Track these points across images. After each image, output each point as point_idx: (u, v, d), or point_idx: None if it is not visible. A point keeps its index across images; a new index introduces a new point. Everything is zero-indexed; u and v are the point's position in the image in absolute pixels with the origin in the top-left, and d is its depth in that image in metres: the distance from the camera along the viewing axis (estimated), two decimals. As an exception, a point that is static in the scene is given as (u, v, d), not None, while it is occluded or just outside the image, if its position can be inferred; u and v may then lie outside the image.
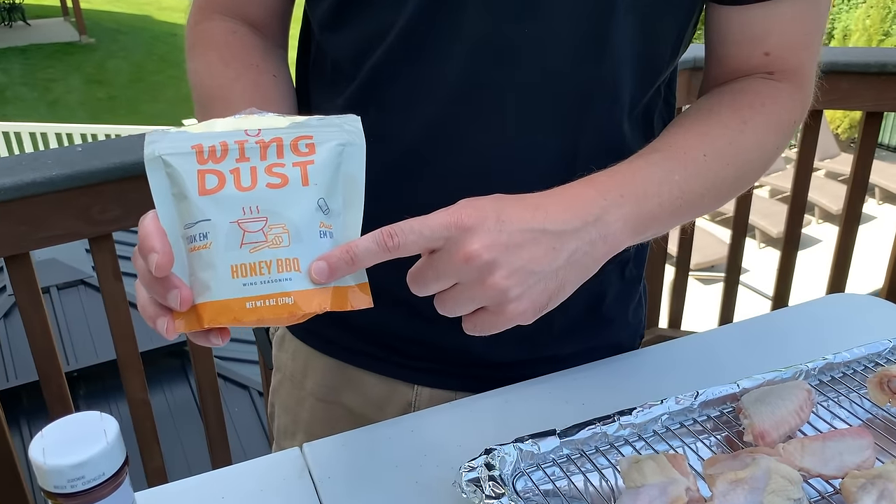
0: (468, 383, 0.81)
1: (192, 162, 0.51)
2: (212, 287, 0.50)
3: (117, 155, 1.40)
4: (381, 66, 0.69)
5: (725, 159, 0.67)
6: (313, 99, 0.78)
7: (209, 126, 0.54)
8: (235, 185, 0.51)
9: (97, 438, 0.53)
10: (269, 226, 0.50)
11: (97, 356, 2.96)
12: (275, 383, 0.92)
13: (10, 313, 3.09)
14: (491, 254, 0.53)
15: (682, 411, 0.71)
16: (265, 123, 0.54)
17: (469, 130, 0.68)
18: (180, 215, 0.51)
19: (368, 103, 0.70)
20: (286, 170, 0.52)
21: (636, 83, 0.70)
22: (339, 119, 0.55)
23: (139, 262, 0.52)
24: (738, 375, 0.74)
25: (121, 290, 1.53)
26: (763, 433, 0.66)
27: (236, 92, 0.70)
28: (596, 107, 0.69)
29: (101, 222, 1.42)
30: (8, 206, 1.33)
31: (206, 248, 0.50)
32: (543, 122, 0.68)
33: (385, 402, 0.83)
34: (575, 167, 0.70)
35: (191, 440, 2.65)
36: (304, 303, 0.51)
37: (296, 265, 0.51)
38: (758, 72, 0.72)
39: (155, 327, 0.52)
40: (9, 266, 1.41)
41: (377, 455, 0.72)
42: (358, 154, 0.54)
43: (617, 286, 0.82)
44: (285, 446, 0.90)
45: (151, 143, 0.52)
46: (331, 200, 0.53)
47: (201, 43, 0.75)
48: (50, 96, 10.61)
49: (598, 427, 0.68)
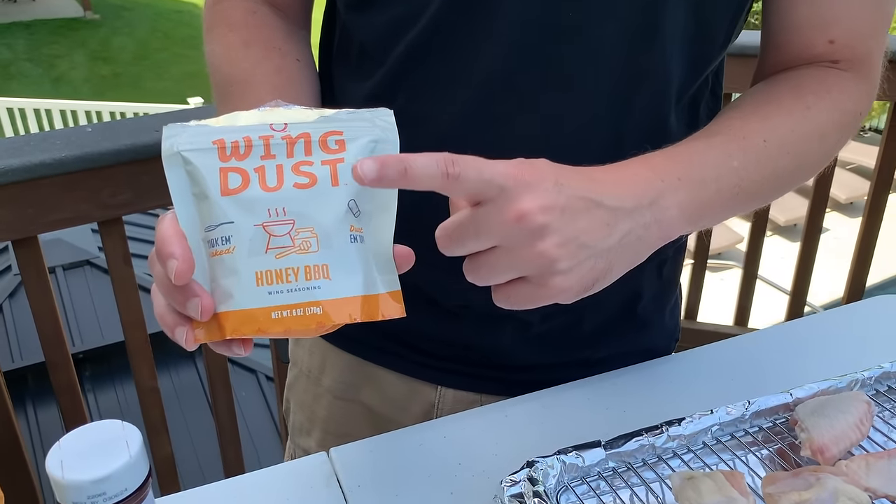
0: (494, 386, 0.78)
1: (214, 159, 0.47)
2: (235, 295, 0.46)
3: (128, 136, 1.36)
4: (413, 49, 0.64)
5: (786, 147, 0.63)
6: (337, 84, 0.73)
7: (231, 119, 0.49)
8: (260, 184, 0.47)
9: (119, 451, 0.49)
10: (296, 229, 0.47)
11: (103, 338, 2.92)
12: (290, 378, 0.89)
13: (16, 293, 3.05)
14: (546, 216, 0.48)
15: (732, 422, 0.67)
16: (291, 117, 0.50)
17: (506, 118, 0.64)
18: (201, 217, 0.47)
19: (398, 89, 0.66)
20: (314, 168, 0.48)
21: (686, 71, 0.66)
22: (370, 113, 0.51)
23: (156, 267, 0.48)
24: (783, 382, 0.71)
25: (131, 276, 1.49)
26: (822, 448, 0.62)
27: (258, 77, 0.66)
28: (643, 95, 0.65)
29: (111, 206, 1.38)
30: (16, 188, 1.29)
31: (228, 253, 0.46)
32: (586, 111, 0.64)
33: (407, 402, 0.79)
34: (618, 158, 0.66)
35: (198, 425, 2.62)
36: (333, 313, 0.47)
37: (325, 272, 0.47)
38: (821, 60, 0.67)
39: (173, 337, 0.48)
40: (16, 249, 1.37)
41: (408, 462, 0.68)
42: (391, 151, 0.50)
43: (654, 286, 0.78)
44: (301, 444, 0.87)
45: (170, 138, 0.48)
46: (362, 202, 0.49)
47: (220, 24, 0.71)
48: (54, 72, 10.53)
49: (645, 438, 0.64)
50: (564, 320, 0.74)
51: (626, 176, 0.54)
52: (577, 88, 0.63)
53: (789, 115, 0.63)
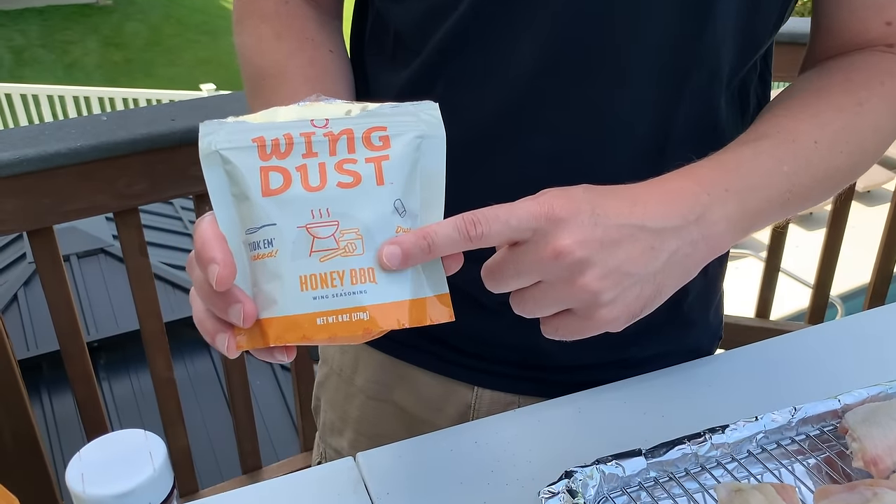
0: (532, 387, 0.75)
1: (254, 157, 0.45)
2: (278, 301, 0.44)
3: (144, 125, 1.34)
4: (452, 37, 0.62)
5: (839, 146, 0.60)
6: (371, 74, 0.70)
7: (270, 115, 0.47)
8: (303, 184, 0.45)
9: (142, 463, 0.47)
10: (340, 231, 0.44)
11: (118, 326, 2.92)
12: (321, 376, 0.86)
13: (31, 281, 3.05)
14: (584, 251, 0.47)
15: (778, 429, 0.64)
16: (332, 112, 0.47)
17: (550, 108, 0.61)
18: (241, 219, 0.45)
19: (436, 78, 0.64)
20: (358, 167, 0.45)
21: (736, 56, 0.63)
22: (413, 106, 0.48)
23: (196, 271, 0.46)
24: (829, 385, 0.68)
25: (146, 266, 1.47)
26: (875, 459, 0.59)
27: (291, 69, 0.63)
28: (692, 82, 0.62)
29: (127, 196, 1.36)
30: (31, 178, 1.27)
31: (271, 257, 0.44)
32: (635, 99, 0.61)
33: (442, 403, 0.77)
34: (666, 148, 0.63)
35: (214, 414, 2.61)
36: (380, 318, 0.45)
37: (371, 276, 0.45)
38: (875, 44, 0.64)
39: (214, 344, 0.46)
40: (31, 240, 1.35)
41: (439, 469, 0.65)
42: (438, 147, 0.47)
43: (699, 284, 0.75)
44: (332, 444, 0.85)
45: (207, 136, 0.46)
46: (408, 201, 0.47)
47: (251, 15, 0.68)
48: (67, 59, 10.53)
49: (687, 447, 0.61)
50: None
51: (670, 191, 0.52)
52: (625, 76, 0.60)
53: (840, 112, 0.60)
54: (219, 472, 2.41)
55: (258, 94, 0.64)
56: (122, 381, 2.85)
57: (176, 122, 1.35)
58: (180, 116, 1.36)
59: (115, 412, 2.75)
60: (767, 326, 2.10)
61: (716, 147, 0.66)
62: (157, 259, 3.26)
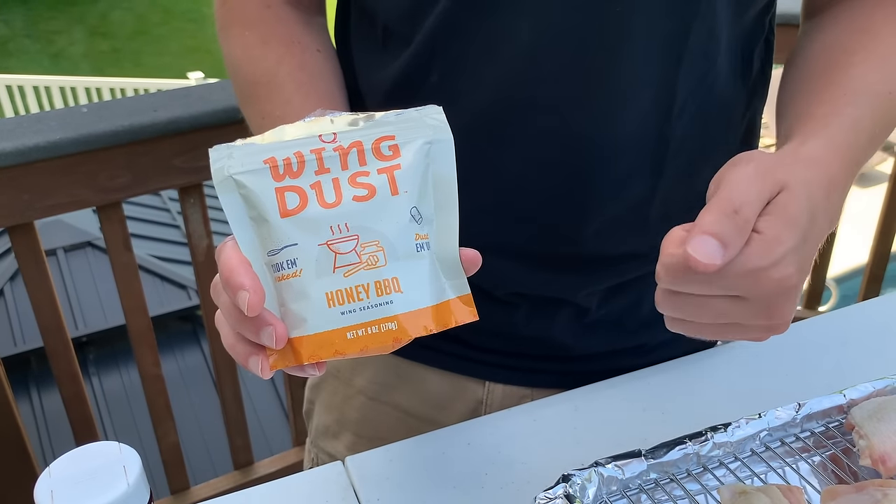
0: (546, 378, 0.73)
1: (268, 179, 0.45)
2: (308, 319, 0.44)
3: (125, 117, 1.30)
4: (443, 23, 0.60)
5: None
6: (360, 69, 0.68)
7: (278, 134, 0.47)
8: (319, 201, 0.45)
9: (116, 477, 0.44)
10: (361, 244, 0.45)
11: (106, 321, 2.88)
12: (316, 378, 0.83)
13: (17, 276, 3.01)
14: (799, 276, 0.46)
15: (782, 426, 0.62)
16: (339, 125, 0.48)
17: (550, 84, 0.59)
18: (262, 241, 0.45)
19: (430, 67, 0.62)
20: (371, 178, 0.46)
21: (731, 12, 0.61)
22: (417, 112, 0.49)
23: (222, 296, 0.46)
24: (833, 378, 0.65)
25: (131, 261, 1.44)
26: (884, 457, 0.57)
27: (281, 75, 0.62)
28: (691, 45, 0.60)
29: (109, 189, 1.33)
30: (9, 173, 1.24)
31: (296, 277, 0.45)
32: (635, 67, 0.59)
33: (450, 401, 0.75)
34: (670, 115, 0.61)
35: (205, 408, 2.59)
36: (409, 326, 0.45)
37: (395, 286, 0.45)
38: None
39: (247, 366, 0.46)
40: (12, 237, 1.32)
41: (431, 472, 0.63)
42: (446, 151, 0.47)
43: None
44: (326, 448, 0.82)
45: (218, 161, 0.46)
46: (423, 207, 0.47)
47: (234, 22, 0.66)
48: (53, 48, 10.41)
49: (689, 447, 0.59)
50: (624, 304, 0.71)
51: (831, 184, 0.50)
52: (624, 43, 0.58)
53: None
54: (211, 467, 2.39)
55: (252, 103, 0.63)
56: (111, 376, 2.83)
57: (158, 112, 1.31)
58: (163, 107, 1.33)
59: (104, 408, 2.73)
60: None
61: (717, 113, 0.64)
62: (146, 251, 3.22)
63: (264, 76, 0.63)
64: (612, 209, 0.64)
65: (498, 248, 0.48)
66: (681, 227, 0.46)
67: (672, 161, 0.63)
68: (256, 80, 0.63)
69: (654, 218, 0.65)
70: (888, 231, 1.99)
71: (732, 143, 0.68)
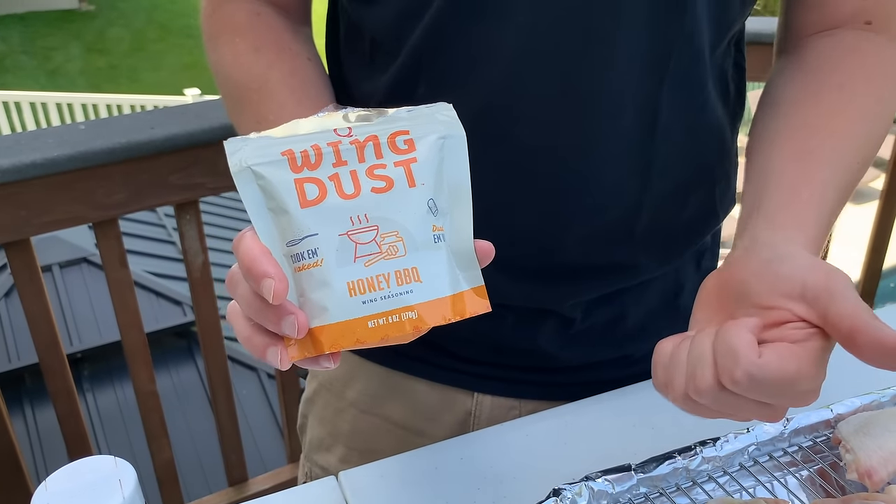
0: (533, 390, 0.74)
1: (286, 171, 0.45)
2: (329, 308, 0.44)
3: (122, 134, 1.31)
4: (428, 36, 0.60)
5: (864, 151, 0.60)
6: (351, 82, 0.69)
7: (292, 128, 0.47)
8: (338, 192, 0.45)
9: (111, 492, 0.45)
10: (381, 235, 0.45)
11: (101, 337, 2.88)
12: (309, 392, 0.84)
13: (12, 292, 3.01)
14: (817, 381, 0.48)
15: (770, 440, 0.62)
16: (352, 120, 0.48)
17: (534, 99, 0.60)
18: (281, 232, 0.46)
19: (418, 79, 0.62)
20: (389, 171, 0.46)
21: (713, 34, 0.62)
22: (428, 109, 0.49)
23: (240, 288, 0.46)
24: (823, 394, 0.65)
25: (127, 277, 1.45)
26: (870, 471, 0.58)
27: (273, 81, 0.62)
28: (674, 64, 0.61)
29: (106, 206, 1.33)
30: (7, 189, 1.24)
31: (317, 266, 0.45)
32: (619, 84, 0.60)
33: (440, 413, 0.75)
34: (655, 132, 0.62)
35: (199, 424, 2.58)
36: (427, 315, 0.46)
37: (415, 275, 0.46)
38: (854, 20, 0.63)
39: (265, 358, 0.46)
40: (8, 252, 1.33)
41: (424, 487, 0.63)
42: (459, 146, 0.49)
43: (693, 278, 0.75)
44: (319, 461, 0.83)
45: (235, 153, 0.46)
46: (439, 199, 0.48)
47: (223, 30, 0.67)
48: (49, 65, 10.45)
49: (678, 461, 0.60)
50: (608, 315, 0.71)
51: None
52: (608, 61, 0.59)
53: (867, 112, 0.60)
54: (206, 484, 2.38)
55: (244, 109, 0.63)
56: (105, 392, 2.82)
57: (155, 130, 1.32)
58: (159, 124, 1.34)
59: (98, 424, 2.72)
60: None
61: (700, 135, 0.65)
62: (141, 268, 3.23)
63: (256, 82, 0.63)
64: (597, 223, 0.64)
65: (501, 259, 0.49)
66: (747, 327, 0.46)
67: (657, 179, 0.64)
68: (247, 85, 0.63)
69: (639, 231, 0.66)
70: (879, 248, 2.01)
71: (718, 165, 0.69)
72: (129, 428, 2.65)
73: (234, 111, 0.66)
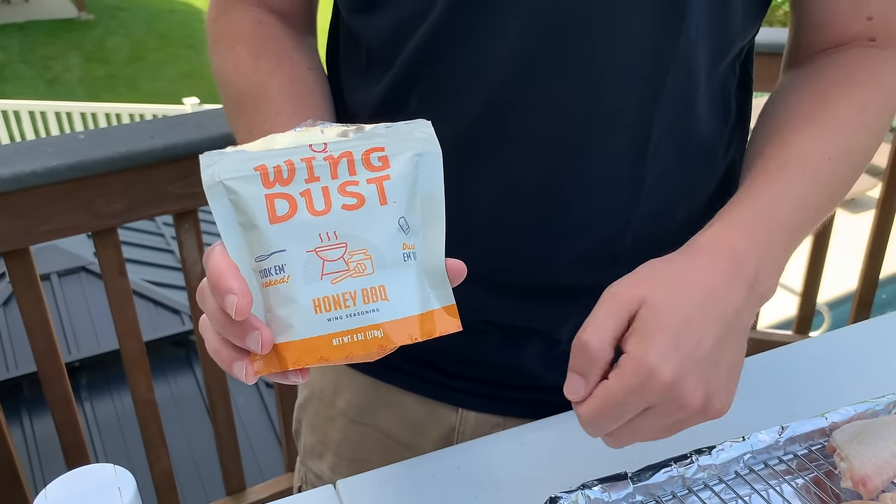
0: (518, 408, 0.73)
1: (258, 186, 0.45)
2: (294, 325, 0.45)
3: (122, 143, 1.32)
4: (422, 49, 0.61)
5: (847, 158, 0.61)
6: (347, 90, 0.70)
7: (268, 143, 0.48)
8: (308, 209, 0.45)
9: (111, 500, 0.45)
10: (349, 252, 0.45)
11: (99, 345, 2.88)
12: (301, 399, 0.85)
13: (10, 301, 3.01)
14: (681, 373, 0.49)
15: (765, 449, 0.63)
16: (329, 136, 0.48)
17: (526, 115, 0.60)
18: (250, 247, 0.46)
19: (410, 91, 0.63)
20: (361, 188, 0.46)
21: (711, 56, 0.63)
22: (407, 126, 0.49)
23: (209, 301, 0.46)
24: (816, 401, 0.67)
25: (126, 286, 1.45)
26: (864, 479, 0.58)
27: (272, 89, 0.63)
28: (669, 83, 0.61)
29: (105, 215, 1.34)
30: (7, 199, 1.25)
31: (283, 283, 0.45)
32: (612, 103, 0.60)
33: (425, 427, 0.75)
34: (647, 150, 0.62)
35: (198, 433, 2.58)
36: (394, 335, 0.46)
37: (382, 294, 0.46)
38: (858, 39, 0.64)
39: (231, 371, 0.46)
40: (7, 261, 1.33)
41: (421, 496, 0.64)
42: (435, 164, 0.48)
43: None
44: (313, 468, 0.83)
45: (209, 167, 0.46)
46: (411, 217, 0.47)
47: (226, 37, 0.68)
48: (49, 74, 10.46)
49: (674, 469, 0.60)
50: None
51: (727, 254, 0.53)
52: (601, 80, 0.59)
53: (847, 120, 0.61)
54: (203, 493, 2.38)
55: (240, 115, 0.64)
56: (103, 401, 2.82)
57: (154, 139, 1.33)
58: (159, 134, 1.35)
59: (96, 433, 2.72)
60: (754, 337, 2.09)
61: (694, 155, 0.66)
62: (139, 276, 3.23)
63: (254, 89, 0.63)
64: (585, 242, 0.64)
65: (468, 275, 0.49)
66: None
67: (647, 199, 0.64)
68: (246, 92, 0.64)
69: (627, 252, 0.65)
70: (876, 256, 2.02)
71: (710, 185, 0.69)
72: (128, 437, 2.65)
73: (231, 117, 0.66)
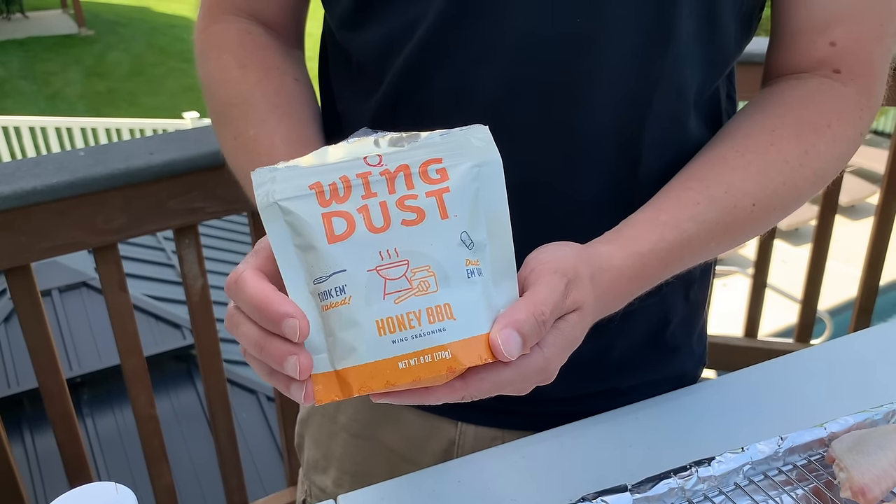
0: (517, 421, 0.73)
1: (314, 205, 0.44)
2: (358, 348, 0.43)
3: (122, 160, 1.32)
4: (410, 66, 0.61)
5: (776, 202, 0.62)
6: (341, 103, 0.70)
7: (321, 157, 0.46)
8: (367, 226, 0.43)
9: (112, 518, 0.45)
10: (411, 270, 0.43)
11: (101, 361, 2.88)
12: (304, 413, 0.85)
13: (11, 318, 3.01)
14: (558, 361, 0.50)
15: (765, 460, 0.63)
16: (383, 147, 0.46)
17: (514, 135, 0.60)
18: (307, 269, 0.44)
19: (398, 109, 0.63)
20: (420, 202, 0.44)
21: (703, 75, 0.63)
22: (463, 132, 0.47)
23: (243, 328, 0.45)
24: (815, 411, 0.67)
25: (126, 301, 1.45)
26: (863, 489, 0.58)
27: (257, 97, 0.63)
28: (657, 102, 0.61)
29: (105, 232, 1.34)
30: (7, 216, 1.25)
31: (344, 304, 0.43)
32: (600, 123, 0.61)
33: (426, 441, 0.75)
34: (637, 168, 0.63)
35: (199, 448, 2.58)
36: (462, 356, 0.43)
37: (448, 312, 0.43)
38: (823, 67, 0.64)
39: (288, 394, 0.45)
40: (9, 278, 1.33)
41: (422, 510, 0.64)
42: (496, 173, 0.46)
43: (681, 310, 0.74)
44: (316, 481, 0.83)
45: (262, 185, 0.44)
46: (474, 232, 0.45)
47: (213, 46, 0.68)
48: (49, 89, 10.51)
49: (674, 480, 0.60)
50: (593, 349, 0.70)
51: (630, 278, 0.56)
52: (588, 101, 0.60)
53: (786, 164, 0.61)
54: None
55: (225, 123, 0.64)
56: (105, 416, 2.82)
57: (154, 155, 1.33)
58: (159, 150, 1.35)
59: (98, 449, 2.71)
60: (756, 346, 2.10)
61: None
62: (140, 291, 3.23)
63: (239, 97, 0.63)
64: None
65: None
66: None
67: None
68: (231, 101, 0.64)
69: None
70: (876, 264, 2.02)
71: None
72: (129, 452, 2.64)
73: (217, 125, 0.66)
